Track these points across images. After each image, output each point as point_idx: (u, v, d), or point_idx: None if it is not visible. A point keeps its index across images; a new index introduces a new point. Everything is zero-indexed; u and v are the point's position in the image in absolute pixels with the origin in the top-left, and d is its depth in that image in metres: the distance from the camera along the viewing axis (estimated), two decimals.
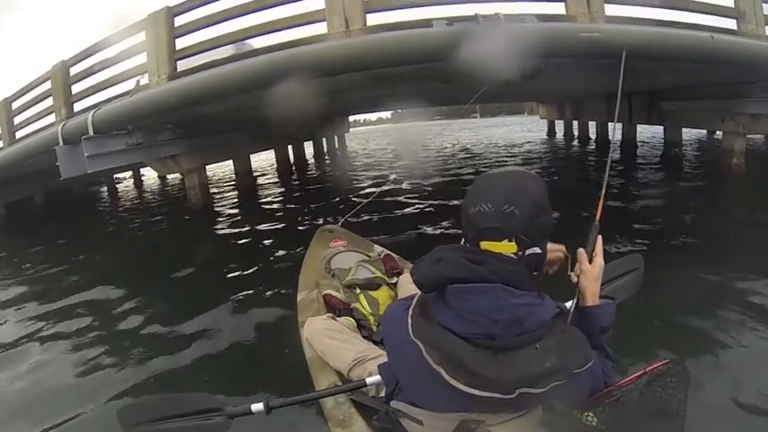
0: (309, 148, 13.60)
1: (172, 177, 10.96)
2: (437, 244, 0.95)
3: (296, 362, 1.75)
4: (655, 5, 4.27)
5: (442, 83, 4.49)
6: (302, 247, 2.87)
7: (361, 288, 2.10)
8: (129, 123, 4.90)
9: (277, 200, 8.04)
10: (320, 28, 4.09)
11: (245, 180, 8.45)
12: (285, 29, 4.20)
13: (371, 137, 30.49)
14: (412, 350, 0.88)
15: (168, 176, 11.05)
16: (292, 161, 11.92)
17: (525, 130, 22.55)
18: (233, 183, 9.39)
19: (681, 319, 2.40)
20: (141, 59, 4.85)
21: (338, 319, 1.80)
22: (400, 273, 2.25)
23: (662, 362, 0.94)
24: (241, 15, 4.38)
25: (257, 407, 1.31)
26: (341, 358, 1.54)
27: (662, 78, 5.67)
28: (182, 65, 4.74)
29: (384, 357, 1.21)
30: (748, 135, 6.27)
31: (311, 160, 13.76)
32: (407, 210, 5.88)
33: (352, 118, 21.76)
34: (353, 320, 1.87)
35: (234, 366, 2.37)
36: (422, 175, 8.10)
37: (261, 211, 6.92)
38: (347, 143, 19.57)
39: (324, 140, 15.07)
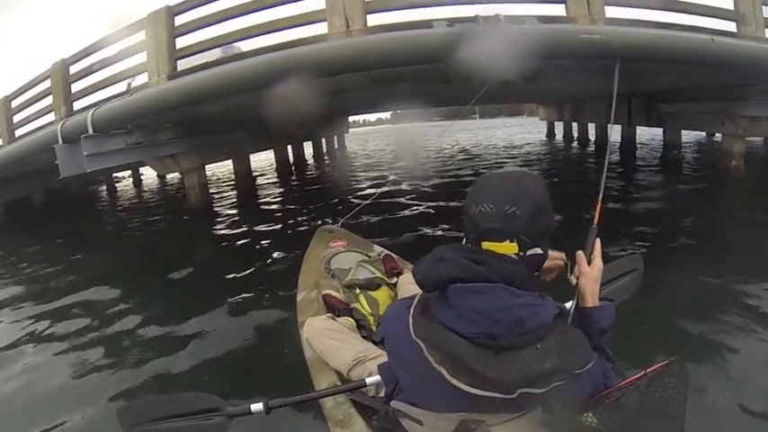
0: (309, 149, 13.58)
1: (171, 177, 10.95)
2: (437, 245, 0.95)
3: (296, 362, 1.75)
4: (655, 7, 4.28)
5: (442, 84, 4.50)
6: (301, 248, 2.86)
7: (360, 288, 2.10)
8: (129, 122, 4.89)
9: (276, 200, 8.03)
10: (320, 28, 4.09)
11: (244, 180, 8.43)
12: (285, 29, 4.20)
13: (371, 137, 30.47)
14: (413, 349, 0.88)
15: (167, 176, 11.03)
16: (292, 161, 11.91)
17: (525, 132, 22.55)
18: (232, 183, 9.38)
19: (680, 321, 2.41)
20: (141, 58, 4.85)
21: (338, 320, 1.80)
22: (400, 273, 2.24)
23: (662, 363, 0.93)
24: (241, 15, 4.39)
25: (257, 407, 1.31)
26: (341, 358, 1.53)
27: (662, 80, 5.68)
28: (181, 64, 4.74)
29: (384, 357, 1.21)
30: (747, 137, 6.28)
31: (310, 160, 13.75)
32: (407, 211, 5.88)
33: (351, 118, 21.80)
34: (353, 320, 1.87)
35: (233, 366, 2.37)
36: (421, 177, 8.10)
37: (260, 212, 6.92)
38: (346, 144, 19.56)
39: (323, 141, 15.06)
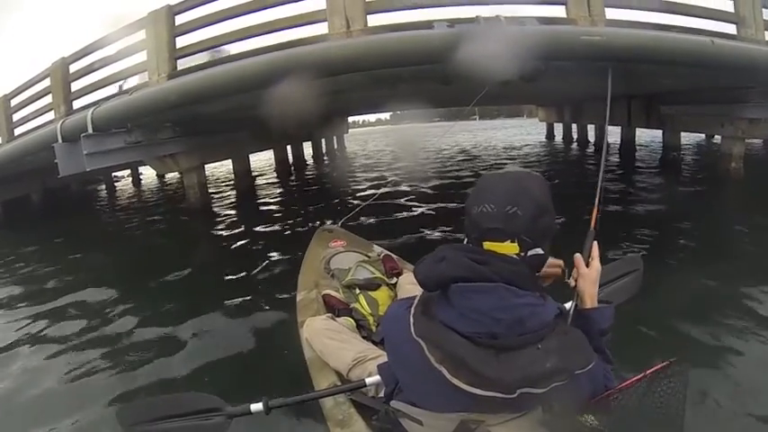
0: (308, 149, 13.57)
1: (170, 176, 10.93)
2: (436, 246, 0.95)
3: (295, 362, 1.75)
4: (655, 9, 4.29)
5: (443, 84, 4.49)
6: (301, 248, 2.86)
7: (360, 288, 2.10)
8: (129, 121, 4.88)
9: (275, 200, 8.02)
10: (321, 28, 4.10)
11: (243, 180, 8.42)
12: (286, 29, 4.21)
13: (370, 138, 30.45)
14: (413, 349, 0.88)
15: (167, 175, 11.02)
16: (291, 161, 11.91)
17: (524, 133, 22.57)
18: (231, 182, 9.37)
19: (680, 323, 2.41)
20: (141, 58, 4.85)
21: (337, 320, 1.80)
22: (400, 273, 2.24)
23: (661, 364, 0.94)
24: (241, 15, 4.39)
25: (256, 407, 1.31)
26: (340, 358, 1.53)
27: (662, 82, 5.68)
28: (180, 64, 4.74)
29: (383, 357, 1.21)
30: (747, 139, 6.29)
31: (310, 161, 13.74)
32: (407, 212, 5.88)
33: (351, 119, 21.80)
34: (353, 321, 1.87)
35: (233, 366, 2.36)
36: (421, 178, 8.10)
37: (259, 212, 6.91)
38: (346, 144, 19.55)
39: (323, 141, 15.06)
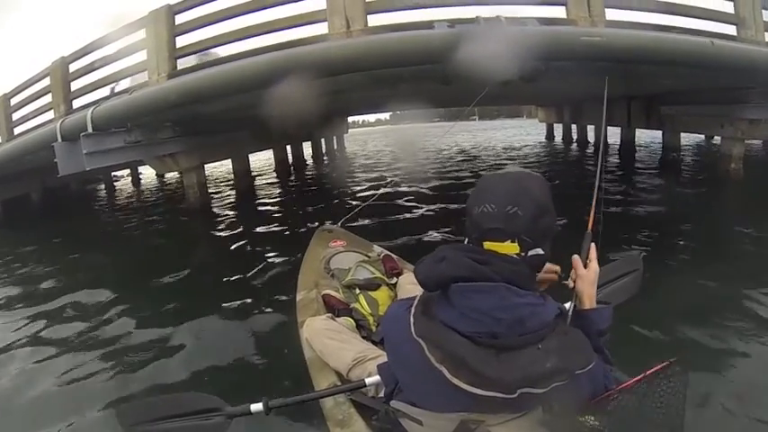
0: (308, 149, 13.57)
1: (170, 176, 10.92)
2: (436, 246, 0.95)
3: (295, 362, 1.74)
4: (655, 10, 4.30)
5: (443, 85, 4.49)
6: (301, 248, 2.85)
7: (360, 288, 2.09)
8: (129, 121, 4.88)
9: (275, 200, 8.02)
10: (321, 28, 4.10)
11: (243, 180, 8.42)
12: (285, 29, 4.21)
13: (370, 138, 30.41)
14: (413, 349, 0.88)
15: (166, 175, 11.01)
16: (291, 161, 11.90)
17: (524, 134, 22.56)
18: (231, 182, 9.37)
19: (680, 324, 2.40)
20: (141, 57, 4.85)
21: (337, 320, 1.80)
22: (400, 273, 2.24)
23: (661, 364, 0.94)
24: (241, 14, 4.39)
25: (256, 407, 1.31)
26: (340, 358, 1.53)
27: (662, 83, 5.69)
28: (179, 63, 4.74)
29: (383, 357, 1.21)
30: (746, 140, 6.29)
31: (309, 161, 13.73)
32: (406, 212, 5.87)
33: (350, 119, 21.80)
34: (353, 321, 1.87)
35: (233, 366, 2.35)
36: (420, 178, 8.09)
37: (259, 212, 6.90)
38: (346, 144, 19.54)
39: (322, 141, 15.05)
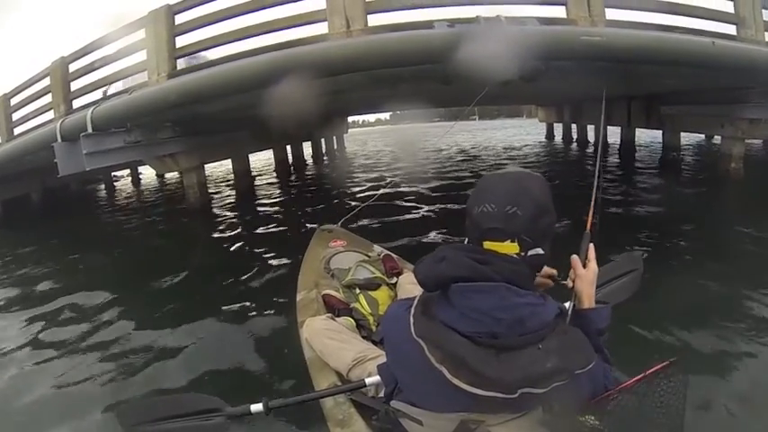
0: (308, 149, 13.56)
1: (170, 176, 10.91)
2: (436, 246, 0.96)
3: (295, 362, 1.74)
4: (655, 10, 4.29)
5: (443, 84, 4.50)
6: (301, 248, 2.85)
7: (360, 288, 2.09)
8: (129, 121, 4.88)
9: (275, 200, 8.01)
10: (321, 28, 4.10)
11: (243, 180, 8.41)
12: (285, 29, 4.20)
13: (370, 138, 30.38)
14: (413, 349, 0.88)
15: (166, 175, 11.00)
16: (291, 161, 11.90)
17: (524, 133, 22.55)
18: (231, 182, 9.36)
19: (680, 324, 2.40)
20: (141, 57, 4.84)
21: (337, 320, 1.79)
22: (400, 273, 2.24)
23: (661, 364, 0.94)
24: (241, 14, 4.38)
25: (256, 407, 1.31)
26: (340, 358, 1.53)
27: (662, 83, 5.69)
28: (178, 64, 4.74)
29: (383, 357, 1.21)
30: (747, 140, 6.30)
31: (309, 161, 13.73)
32: (406, 212, 5.86)
33: (350, 119, 21.80)
34: (353, 320, 1.86)
35: (233, 367, 2.35)
36: (420, 178, 8.09)
37: (259, 212, 6.90)
38: (345, 144, 19.53)
39: (322, 141, 15.05)
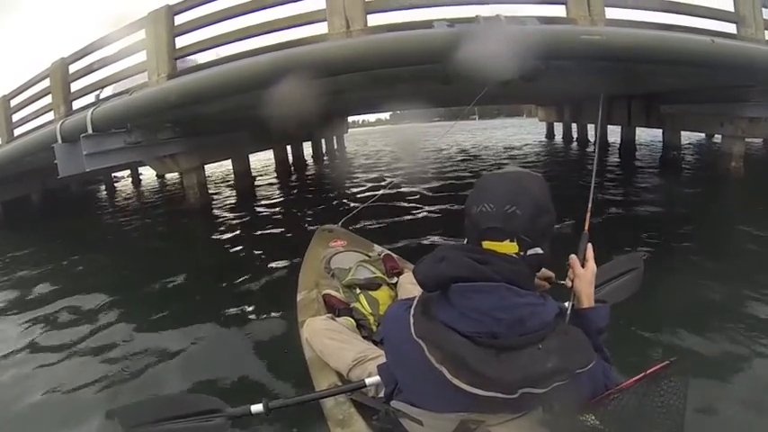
0: (308, 149, 13.56)
1: (170, 177, 10.92)
2: (437, 246, 0.96)
3: (296, 362, 1.75)
4: (654, 9, 4.29)
5: (443, 84, 4.49)
6: (301, 248, 2.85)
7: (360, 288, 2.09)
8: (129, 122, 4.88)
9: (275, 201, 8.01)
10: (321, 28, 4.10)
11: (243, 180, 8.41)
12: (285, 29, 4.20)
13: (370, 138, 30.32)
14: (413, 349, 0.88)
15: (166, 176, 11.01)
16: (291, 162, 11.89)
17: (524, 133, 22.52)
18: (231, 183, 9.36)
19: (680, 323, 2.40)
20: (141, 58, 4.85)
21: (338, 320, 1.80)
22: (400, 273, 2.24)
23: (662, 363, 0.93)
24: (241, 15, 4.38)
25: (257, 408, 1.31)
26: (341, 359, 1.53)
27: (662, 82, 5.69)
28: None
29: (384, 357, 1.21)
30: (747, 138, 6.30)
31: (310, 161, 13.73)
32: (406, 213, 5.86)
33: (350, 119, 21.79)
34: (353, 320, 1.87)
35: (233, 367, 2.35)
36: (420, 178, 8.08)
37: (259, 212, 6.90)
38: (346, 144, 19.53)
39: (323, 141, 15.05)
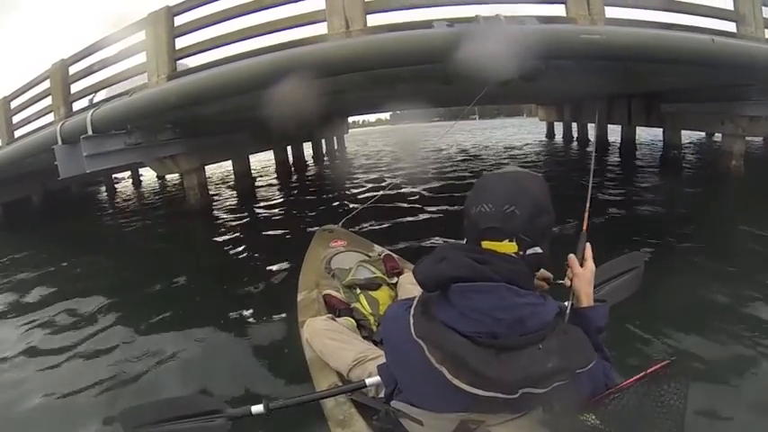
0: (308, 149, 13.56)
1: (170, 177, 10.92)
2: (437, 246, 0.96)
3: (296, 362, 1.75)
4: (654, 8, 4.29)
5: (443, 84, 4.49)
6: (301, 248, 2.85)
7: (361, 288, 2.09)
8: (129, 123, 4.88)
9: (276, 201, 8.02)
10: (320, 28, 4.09)
11: (243, 181, 8.41)
12: (285, 29, 4.20)
13: (370, 138, 30.35)
14: (413, 349, 0.88)
15: (167, 177, 11.01)
16: (291, 162, 11.89)
17: (524, 132, 22.51)
18: (231, 184, 9.37)
19: (680, 323, 2.40)
20: (141, 59, 4.85)
21: (338, 320, 1.80)
22: (400, 273, 2.24)
23: (662, 363, 0.93)
24: (241, 15, 4.38)
25: (257, 408, 1.32)
26: (341, 359, 1.53)
27: (662, 81, 5.69)
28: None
29: (384, 358, 1.21)
30: (747, 137, 6.30)
31: (310, 161, 13.73)
32: (406, 213, 5.85)
33: (350, 119, 21.78)
34: (353, 321, 1.87)
35: (234, 368, 2.35)
36: (420, 179, 8.08)
37: (259, 213, 6.90)
38: (346, 144, 19.52)
39: (323, 141, 15.05)
